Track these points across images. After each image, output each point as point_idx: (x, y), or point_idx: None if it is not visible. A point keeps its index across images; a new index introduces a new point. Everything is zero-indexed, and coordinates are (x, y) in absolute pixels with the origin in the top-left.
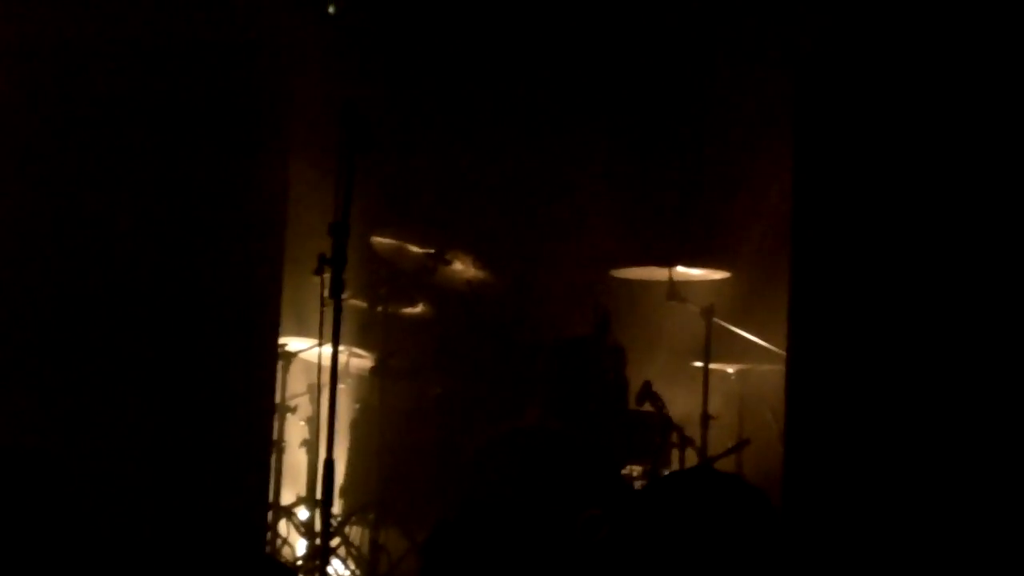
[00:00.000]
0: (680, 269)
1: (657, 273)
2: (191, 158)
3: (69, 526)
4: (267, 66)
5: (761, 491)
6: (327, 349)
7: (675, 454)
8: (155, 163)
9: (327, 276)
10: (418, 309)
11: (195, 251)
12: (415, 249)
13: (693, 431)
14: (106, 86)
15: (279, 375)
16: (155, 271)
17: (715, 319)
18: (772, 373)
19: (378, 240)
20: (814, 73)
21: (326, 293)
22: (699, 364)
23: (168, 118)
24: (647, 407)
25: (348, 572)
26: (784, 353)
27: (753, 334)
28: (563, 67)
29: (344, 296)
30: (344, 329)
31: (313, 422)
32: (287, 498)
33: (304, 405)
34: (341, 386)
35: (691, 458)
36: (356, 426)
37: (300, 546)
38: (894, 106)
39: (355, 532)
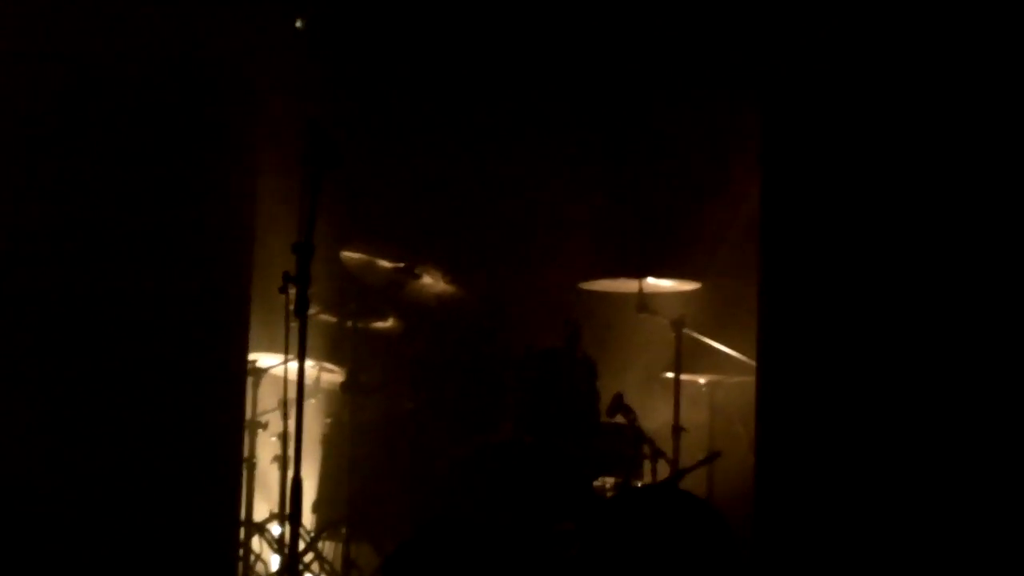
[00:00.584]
0: (650, 281)
1: (627, 285)
2: (158, 173)
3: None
4: (234, 81)
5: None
6: (295, 365)
7: (647, 466)
8: (122, 178)
9: (294, 292)
10: (388, 324)
11: (163, 267)
12: (384, 263)
13: (665, 443)
14: (74, 100)
15: (249, 391)
16: (123, 286)
17: (686, 330)
18: (743, 384)
19: (347, 255)
20: (781, 87)
21: (291, 308)
22: (670, 375)
23: (136, 133)
24: (619, 419)
25: None
26: (755, 364)
27: (724, 345)
28: (532, 79)
29: (313, 311)
30: (314, 344)
31: (283, 437)
32: (260, 514)
33: (275, 421)
34: (312, 401)
35: (663, 470)
36: (327, 441)
37: (274, 562)
38: (859, 118)
39: (328, 547)
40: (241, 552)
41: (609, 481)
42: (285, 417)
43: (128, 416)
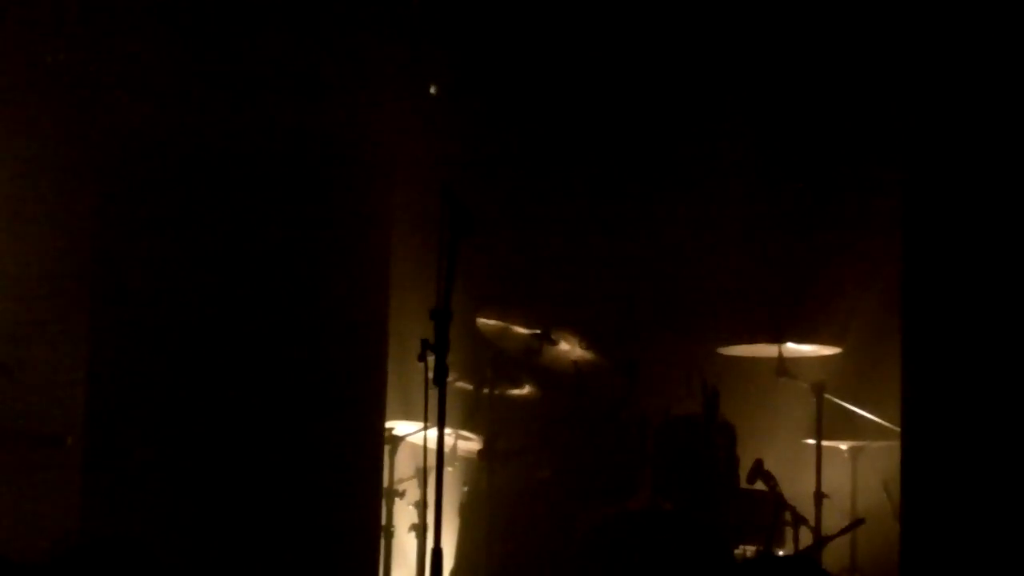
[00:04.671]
0: (790, 345)
1: (767, 350)
2: (297, 243)
3: None
4: (370, 150)
5: None
6: (433, 432)
7: (788, 533)
8: (263, 248)
9: (431, 359)
10: (525, 391)
11: (303, 335)
12: (520, 330)
13: (806, 510)
14: (228, 174)
15: (386, 459)
16: (264, 355)
17: (827, 395)
18: (886, 449)
19: (483, 321)
20: (922, 153)
21: (430, 376)
22: (811, 441)
23: (278, 203)
24: (759, 485)
25: None
26: (898, 429)
27: (865, 410)
28: (671, 144)
29: (449, 379)
30: (450, 411)
31: (421, 506)
32: None
33: (412, 489)
34: (449, 469)
35: (805, 537)
36: (465, 509)
37: None
38: (998, 181)
39: None
40: None
41: (750, 549)
42: (423, 485)
43: (270, 485)
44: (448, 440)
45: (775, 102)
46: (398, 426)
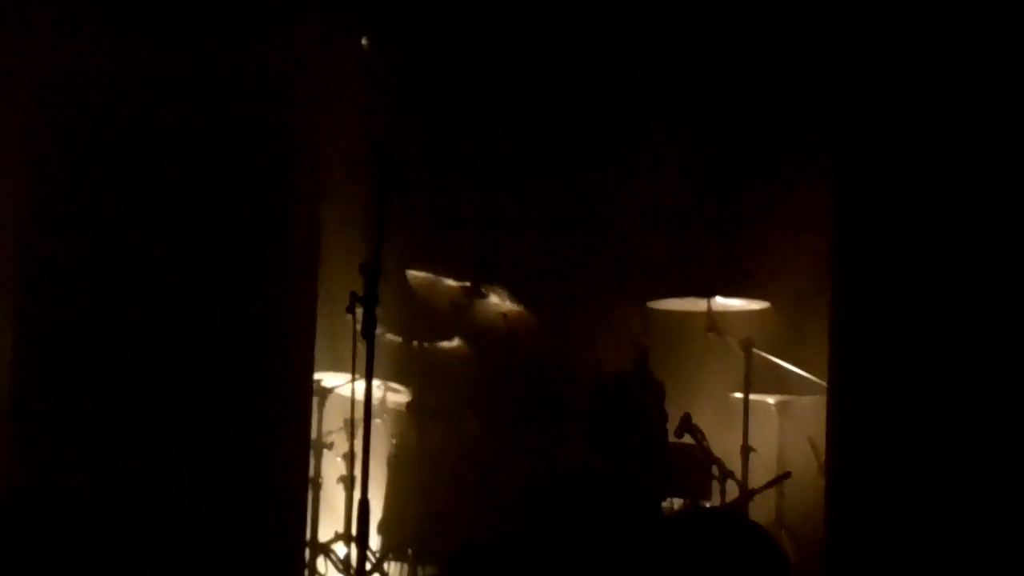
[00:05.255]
0: (719, 300)
1: (696, 304)
2: (223, 195)
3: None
4: (299, 103)
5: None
6: (361, 385)
7: (716, 486)
8: (187, 200)
9: (360, 312)
10: (454, 344)
11: (228, 288)
12: (450, 283)
13: (734, 464)
14: (140, 122)
15: (315, 411)
16: (188, 308)
17: (755, 350)
18: (813, 404)
19: (413, 274)
20: (855, 108)
21: (359, 328)
22: (739, 396)
23: (201, 155)
24: (687, 440)
25: None
26: (825, 384)
27: (793, 365)
28: (601, 98)
29: (379, 332)
30: (379, 364)
31: (349, 458)
32: (325, 535)
33: (341, 441)
34: (377, 421)
35: (732, 491)
36: (393, 462)
37: None
38: (936, 139)
39: (393, 569)
40: (306, 573)
41: (678, 503)
42: (351, 437)
43: (194, 437)
44: (377, 392)
45: (706, 57)
46: (326, 378)
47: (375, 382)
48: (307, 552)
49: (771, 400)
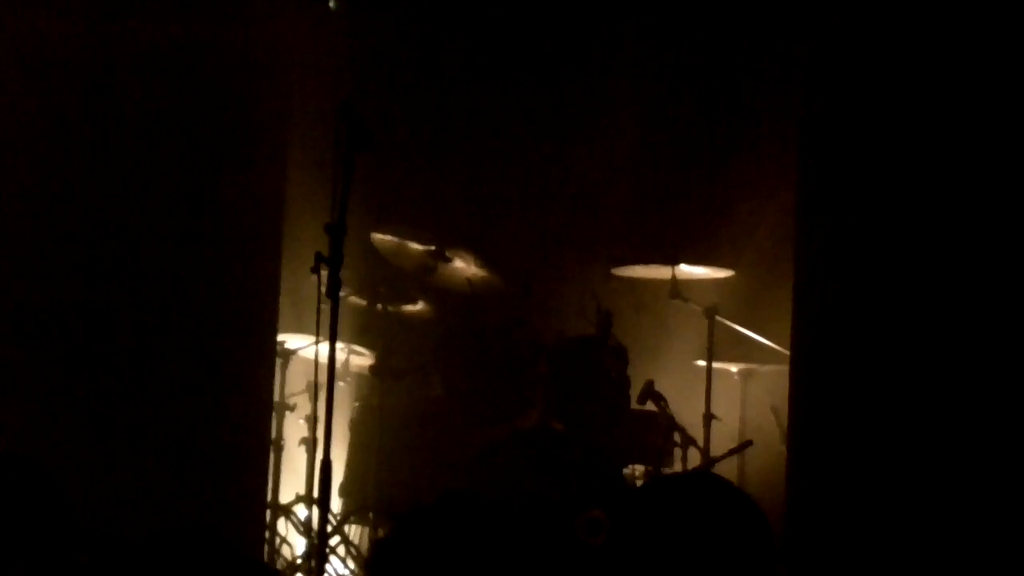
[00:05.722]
0: (683, 267)
1: (660, 271)
2: (187, 155)
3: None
4: (265, 63)
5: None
6: (325, 347)
7: (678, 454)
8: (150, 161)
9: (325, 274)
10: (418, 307)
11: (192, 248)
12: (415, 246)
13: (696, 431)
14: (101, 86)
15: (278, 373)
16: (151, 269)
17: (718, 318)
18: (775, 373)
19: (378, 237)
20: (820, 78)
21: (323, 289)
22: (702, 363)
23: (163, 116)
24: (650, 407)
25: (347, 571)
26: (787, 352)
27: (757, 333)
28: (566, 65)
29: (343, 294)
30: (343, 326)
31: (312, 420)
32: (286, 496)
33: (303, 403)
34: (340, 384)
35: (694, 458)
36: (356, 424)
37: (299, 545)
38: (899, 113)
39: (354, 531)
40: (267, 534)
41: (639, 469)
42: (314, 399)
43: (155, 397)
44: (340, 355)
45: (670, 24)
46: (290, 339)
47: (339, 344)
48: (268, 513)
49: (734, 368)
